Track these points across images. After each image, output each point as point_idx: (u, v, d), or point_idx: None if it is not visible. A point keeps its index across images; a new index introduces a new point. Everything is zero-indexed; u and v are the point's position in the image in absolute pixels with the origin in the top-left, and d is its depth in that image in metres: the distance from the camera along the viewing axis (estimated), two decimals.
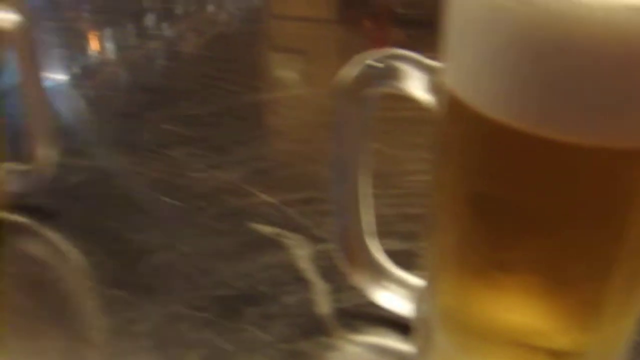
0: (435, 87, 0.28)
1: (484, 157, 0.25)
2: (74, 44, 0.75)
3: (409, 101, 0.30)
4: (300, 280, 0.38)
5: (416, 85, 0.28)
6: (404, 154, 0.49)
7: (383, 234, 0.34)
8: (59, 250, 0.41)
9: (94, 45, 0.76)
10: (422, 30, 0.77)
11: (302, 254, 0.40)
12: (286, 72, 0.70)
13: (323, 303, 0.36)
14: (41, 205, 0.44)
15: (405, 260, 0.34)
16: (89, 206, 0.44)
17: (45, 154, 0.41)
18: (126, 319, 0.36)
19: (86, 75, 0.66)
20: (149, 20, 0.84)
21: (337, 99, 0.30)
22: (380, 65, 0.29)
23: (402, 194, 0.45)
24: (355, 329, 0.35)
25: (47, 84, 0.63)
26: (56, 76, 0.64)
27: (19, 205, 0.43)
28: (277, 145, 0.51)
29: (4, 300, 0.38)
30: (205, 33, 0.80)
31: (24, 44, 0.38)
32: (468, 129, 0.25)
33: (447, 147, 0.27)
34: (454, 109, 0.26)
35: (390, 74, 0.29)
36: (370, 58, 0.29)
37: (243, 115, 0.57)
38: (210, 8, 0.89)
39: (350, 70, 0.29)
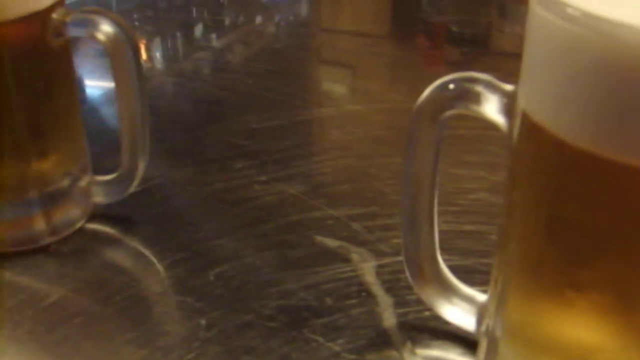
0: (510, 110, 0.29)
1: (558, 181, 0.26)
2: None
3: (468, 120, 0.31)
4: (365, 293, 0.39)
5: (491, 108, 0.29)
6: (462, 172, 0.50)
7: (442, 250, 0.35)
8: (134, 258, 0.43)
9: (143, 54, 0.78)
10: (476, 50, 0.79)
11: (366, 267, 0.41)
12: (340, 86, 0.71)
13: (388, 316, 0.37)
14: (118, 214, 0.45)
15: (463, 276, 0.35)
16: (160, 215, 0.46)
17: (136, 165, 0.42)
18: (195, 326, 0.37)
19: None
20: (198, 30, 0.86)
21: (414, 120, 0.31)
22: (457, 87, 0.30)
23: (459, 211, 0.46)
24: (419, 342, 0.36)
25: (95, 92, 0.66)
26: (105, 84, 0.66)
27: (98, 214, 0.45)
28: (338, 160, 0.52)
29: (79, 302, 0.40)
30: (253, 45, 0.82)
31: (121, 56, 0.39)
32: (543, 153, 0.26)
33: (521, 169, 0.28)
34: (528, 133, 0.27)
35: (466, 96, 0.30)
36: (448, 81, 0.30)
37: (302, 130, 0.59)
38: (259, 19, 0.90)
39: (429, 93, 0.30)
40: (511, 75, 0.29)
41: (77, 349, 0.36)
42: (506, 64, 0.71)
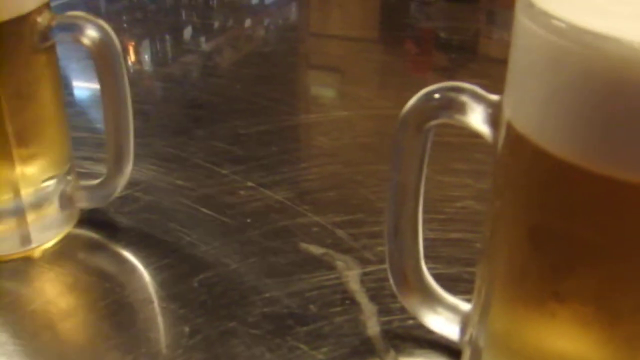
0: (495, 120, 0.29)
1: (542, 191, 0.26)
2: None
3: (454, 127, 0.31)
4: (349, 301, 0.39)
5: (476, 118, 0.29)
6: (448, 180, 0.50)
7: (427, 258, 0.35)
8: (118, 263, 0.42)
9: (131, 56, 0.78)
10: (464, 56, 0.79)
11: (351, 275, 0.41)
12: (328, 92, 0.71)
13: (372, 324, 0.37)
14: (103, 220, 0.45)
15: (448, 285, 0.35)
16: (145, 221, 0.46)
17: (121, 170, 0.42)
18: (179, 332, 0.37)
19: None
20: (187, 33, 0.85)
21: (400, 129, 0.31)
22: (442, 97, 0.30)
23: (445, 219, 0.46)
24: (403, 351, 0.36)
25: (82, 93, 0.65)
26: (92, 86, 0.66)
27: (83, 219, 0.45)
28: (324, 167, 0.52)
29: (62, 307, 0.39)
30: (242, 49, 0.82)
31: (106, 60, 0.39)
32: (527, 163, 0.26)
33: (505, 179, 0.28)
34: (513, 143, 0.27)
35: (451, 106, 0.30)
36: (433, 90, 0.30)
37: (289, 135, 0.59)
38: (248, 23, 0.90)
39: (413, 102, 0.30)
40: (499, 83, 0.29)
41: (60, 355, 0.36)
42: (494, 70, 0.71)
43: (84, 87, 0.67)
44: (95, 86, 0.65)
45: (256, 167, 0.52)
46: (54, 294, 0.40)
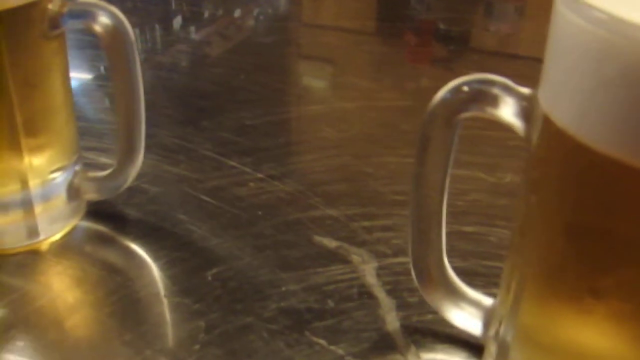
0: (528, 114, 0.28)
1: (581, 187, 0.25)
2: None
3: (466, 120, 0.30)
4: (367, 295, 0.38)
5: (507, 111, 0.29)
6: (461, 173, 0.49)
7: None
8: (128, 257, 0.42)
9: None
10: (462, 47, 0.79)
11: (367, 269, 0.40)
12: (329, 83, 0.71)
13: (391, 319, 0.37)
14: (110, 211, 0.44)
15: (464, 279, 0.35)
16: (153, 213, 0.45)
17: (131, 161, 0.41)
18: (195, 328, 0.36)
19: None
20: (177, 23, 0.84)
21: (428, 122, 0.30)
22: (472, 89, 0.29)
23: (458, 212, 0.45)
24: (423, 346, 0.36)
25: (78, 82, 0.64)
26: (82, 75, 0.65)
27: (90, 211, 0.44)
28: (332, 159, 0.52)
29: (71, 303, 0.39)
30: (233, 38, 0.81)
31: (119, 48, 0.38)
32: (566, 158, 0.25)
33: (542, 174, 0.27)
34: (551, 138, 0.26)
35: (482, 99, 0.29)
36: (462, 82, 0.30)
37: (294, 126, 0.58)
38: (237, 13, 0.89)
39: (444, 95, 0.30)
40: (496, 73, 0.28)
41: (72, 352, 0.36)
42: (491, 62, 0.71)
43: (79, 77, 0.66)
44: (91, 75, 0.65)
45: (264, 158, 0.51)
46: (62, 289, 0.39)
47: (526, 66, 0.65)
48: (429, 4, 0.89)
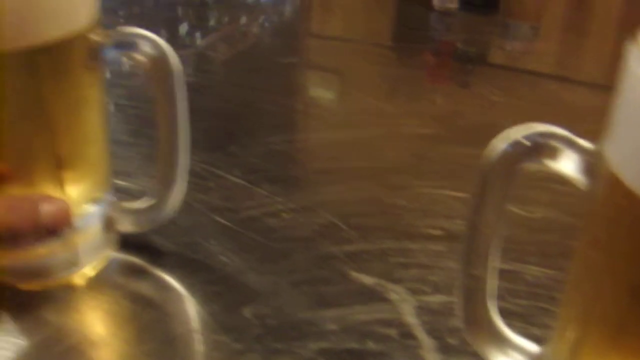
0: (592, 170, 0.28)
1: None
2: None
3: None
4: (407, 336, 0.38)
5: (569, 166, 0.29)
6: None
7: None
8: (162, 291, 0.41)
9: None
10: (479, 67, 0.78)
11: (406, 307, 0.40)
12: (354, 108, 0.70)
13: None
14: (143, 243, 0.44)
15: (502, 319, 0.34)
16: (186, 245, 0.44)
17: (172, 193, 0.41)
18: None
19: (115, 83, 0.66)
20: (183, 29, 0.84)
21: (486, 174, 0.30)
22: (533, 142, 0.29)
23: None
24: None
25: None
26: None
27: (123, 241, 0.44)
28: (364, 190, 0.51)
29: (107, 340, 0.38)
30: (237, 45, 0.80)
31: (162, 78, 0.38)
32: (636, 220, 0.25)
33: (606, 232, 0.27)
34: (620, 198, 0.26)
35: (542, 152, 0.29)
36: (520, 133, 0.29)
37: (321, 153, 0.58)
38: (243, 20, 0.89)
39: (504, 148, 0.29)
40: (512, 92, 0.28)
41: None
42: (507, 80, 0.71)
43: None
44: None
45: (295, 187, 0.50)
46: (97, 325, 0.39)
47: (543, 83, 0.65)
48: (448, 25, 0.89)
